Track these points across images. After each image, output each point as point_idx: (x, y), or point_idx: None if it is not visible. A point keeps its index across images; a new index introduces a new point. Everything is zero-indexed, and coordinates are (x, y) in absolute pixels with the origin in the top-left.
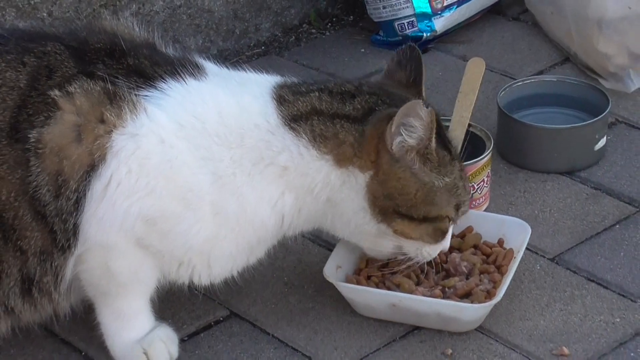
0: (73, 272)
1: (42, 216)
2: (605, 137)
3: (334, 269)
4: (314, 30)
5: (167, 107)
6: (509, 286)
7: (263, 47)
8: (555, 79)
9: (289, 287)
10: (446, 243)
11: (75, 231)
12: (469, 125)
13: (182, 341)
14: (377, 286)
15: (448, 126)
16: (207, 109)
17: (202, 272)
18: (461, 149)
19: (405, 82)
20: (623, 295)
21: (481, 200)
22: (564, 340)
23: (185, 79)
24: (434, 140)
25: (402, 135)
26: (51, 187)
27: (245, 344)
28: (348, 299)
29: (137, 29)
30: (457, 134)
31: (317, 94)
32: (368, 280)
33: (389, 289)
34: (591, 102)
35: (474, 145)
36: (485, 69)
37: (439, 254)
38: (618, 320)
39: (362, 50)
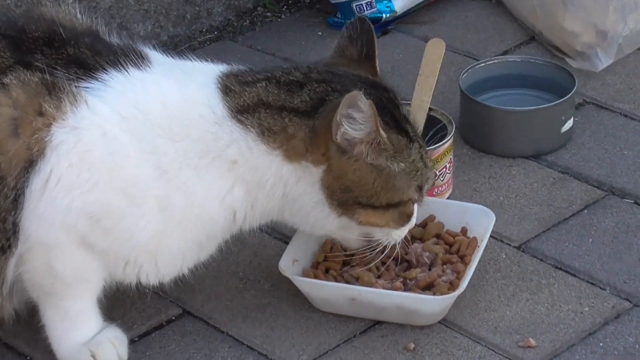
0: (15, 273)
1: None
2: (572, 119)
3: (290, 263)
4: (269, 14)
5: (109, 99)
6: (473, 276)
7: (216, 32)
8: (519, 60)
9: (244, 283)
10: (412, 222)
11: (15, 230)
12: (430, 109)
13: (132, 342)
14: (335, 280)
15: (408, 110)
16: (150, 99)
17: (149, 271)
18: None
19: (357, 58)
20: (592, 283)
21: (444, 187)
22: (531, 331)
23: (128, 69)
24: (381, 130)
25: (344, 126)
26: None
27: (199, 343)
28: (305, 293)
29: (79, 16)
30: (417, 119)
31: (263, 84)
32: (326, 274)
33: (347, 282)
34: (557, 82)
35: (435, 130)
36: (448, 50)
37: (400, 246)
38: (587, 309)
39: (319, 33)
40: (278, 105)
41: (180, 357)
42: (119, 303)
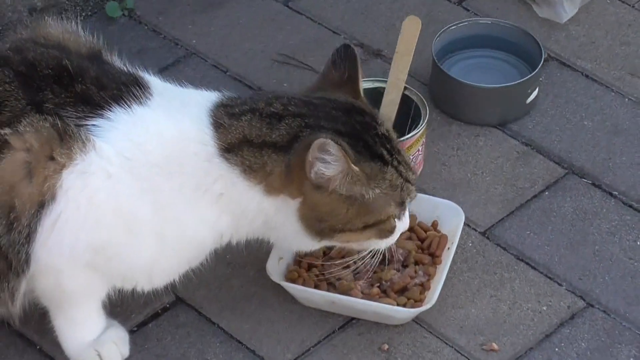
0: (27, 287)
1: None
2: (537, 89)
3: (277, 262)
4: None
5: (114, 140)
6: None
7: None
8: (489, 22)
9: (231, 269)
10: (405, 224)
11: (27, 258)
12: (405, 87)
13: (131, 332)
14: (317, 278)
15: (384, 88)
16: (150, 139)
17: (144, 284)
18: (397, 112)
19: (339, 81)
20: (550, 278)
21: (415, 167)
22: (494, 332)
23: (130, 106)
24: (353, 165)
25: (317, 166)
26: (4, 221)
27: (192, 337)
28: (291, 294)
29: (82, 34)
30: (392, 97)
31: (248, 116)
32: (309, 272)
33: (329, 282)
34: (524, 48)
35: (409, 107)
36: None
37: None
38: (545, 308)
39: None
40: (259, 142)
41: (175, 352)
42: (118, 292)
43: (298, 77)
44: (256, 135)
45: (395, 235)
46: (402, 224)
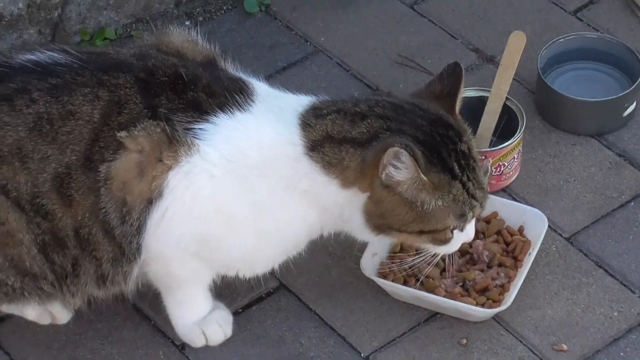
0: (140, 270)
1: (111, 236)
2: (634, 103)
3: (370, 258)
4: None
5: (218, 144)
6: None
7: None
8: (595, 36)
9: (332, 258)
10: (467, 236)
11: (139, 248)
12: (507, 98)
13: (236, 314)
14: (406, 273)
15: (488, 97)
16: (250, 143)
17: (245, 271)
18: (498, 122)
19: (439, 94)
20: (625, 285)
21: (511, 173)
22: (565, 333)
23: (234, 112)
24: (422, 175)
25: (389, 169)
26: (117, 214)
27: (291, 321)
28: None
29: (200, 42)
30: (494, 107)
31: (333, 116)
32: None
33: (417, 278)
34: (627, 62)
35: (510, 116)
36: None
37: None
38: (616, 314)
39: None
40: (340, 138)
41: (274, 333)
42: (222, 277)
43: (413, 79)
44: (337, 132)
45: (454, 245)
46: (465, 236)
